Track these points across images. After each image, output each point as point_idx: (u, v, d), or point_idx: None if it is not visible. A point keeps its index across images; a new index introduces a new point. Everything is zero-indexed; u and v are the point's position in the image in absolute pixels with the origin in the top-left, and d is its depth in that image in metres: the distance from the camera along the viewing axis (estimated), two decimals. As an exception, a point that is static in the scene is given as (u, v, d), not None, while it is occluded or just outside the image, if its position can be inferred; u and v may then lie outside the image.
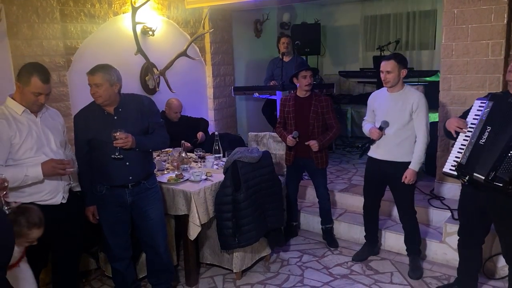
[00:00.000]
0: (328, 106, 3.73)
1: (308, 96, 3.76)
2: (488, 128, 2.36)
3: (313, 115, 3.69)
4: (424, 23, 6.86)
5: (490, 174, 2.29)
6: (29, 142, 2.52)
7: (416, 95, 3.20)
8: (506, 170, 2.25)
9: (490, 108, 2.40)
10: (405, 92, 3.23)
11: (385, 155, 3.30)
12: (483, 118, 2.41)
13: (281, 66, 5.30)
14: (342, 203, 4.46)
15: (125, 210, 2.89)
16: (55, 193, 2.64)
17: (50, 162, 2.51)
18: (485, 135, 2.37)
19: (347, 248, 3.92)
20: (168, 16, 5.14)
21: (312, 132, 3.71)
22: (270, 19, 6.72)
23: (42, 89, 2.50)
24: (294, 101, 3.79)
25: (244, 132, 6.09)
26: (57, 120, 2.79)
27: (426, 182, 4.41)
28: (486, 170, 2.31)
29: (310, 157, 3.74)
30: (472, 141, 2.41)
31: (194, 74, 5.59)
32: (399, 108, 3.20)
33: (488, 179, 2.29)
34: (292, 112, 3.77)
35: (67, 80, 4.15)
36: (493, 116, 2.37)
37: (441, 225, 3.71)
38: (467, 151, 2.42)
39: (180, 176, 3.37)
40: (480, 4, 3.67)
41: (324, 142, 3.70)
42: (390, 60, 3.15)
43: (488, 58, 3.68)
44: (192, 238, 3.19)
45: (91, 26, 4.36)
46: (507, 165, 2.25)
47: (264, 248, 3.65)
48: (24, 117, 2.55)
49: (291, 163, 3.87)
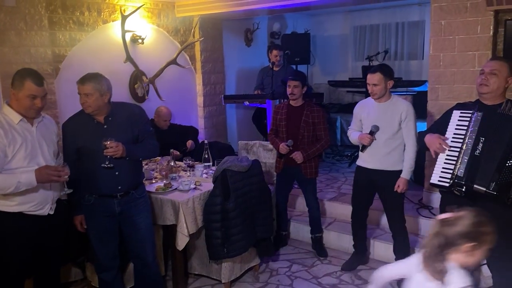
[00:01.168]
0: (320, 117, 3.73)
1: (301, 106, 3.76)
2: (482, 139, 2.39)
3: (303, 124, 3.70)
4: (412, 33, 6.94)
5: (491, 185, 2.31)
6: (23, 152, 2.49)
7: (404, 105, 3.23)
8: (505, 180, 2.28)
9: (480, 119, 2.43)
10: (393, 101, 3.26)
11: (375, 164, 3.31)
12: (473, 129, 2.43)
13: (271, 75, 5.31)
14: (332, 212, 4.46)
15: (113, 220, 2.85)
16: (44, 204, 2.61)
17: (44, 169, 2.48)
18: (479, 146, 2.39)
19: (336, 258, 3.91)
20: (158, 24, 5.14)
21: (301, 141, 3.71)
22: (261, 28, 6.76)
23: (36, 91, 2.48)
24: (286, 109, 3.80)
25: (234, 140, 6.08)
26: (52, 128, 2.76)
27: (414, 191, 4.43)
28: (486, 181, 2.33)
29: (299, 166, 3.74)
30: (467, 153, 2.42)
31: (184, 82, 5.58)
32: (388, 118, 3.22)
33: (489, 190, 2.31)
34: (284, 120, 3.78)
35: (55, 88, 4.12)
36: (485, 127, 2.40)
37: (429, 235, 3.72)
38: (463, 163, 2.43)
39: (168, 185, 3.35)
40: (467, 16, 3.73)
41: (310, 153, 3.70)
42: (376, 72, 3.17)
43: (474, 69, 3.73)
44: (180, 249, 3.16)
45: (80, 34, 4.34)
46: (506, 175, 2.28)
47: (253, 258, 3.62)
48: (20, 126, 2.52)
49: (281, 170, 3.86)
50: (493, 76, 2.45)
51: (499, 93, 2.49)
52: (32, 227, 2.57)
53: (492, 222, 1.70)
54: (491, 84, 2.46)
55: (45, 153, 2.60)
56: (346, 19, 7.48)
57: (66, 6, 4.20)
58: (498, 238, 2.50)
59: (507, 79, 2.46)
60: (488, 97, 2.50)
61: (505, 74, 2.45)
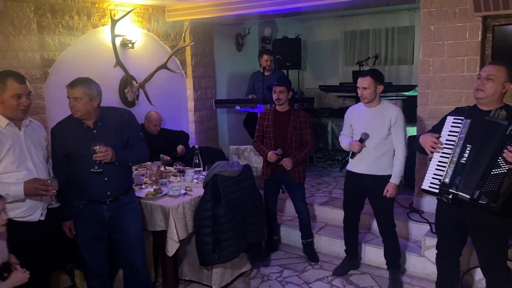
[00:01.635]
0: (306, 122, 3.74)
1: (287, 111, 3.77)
2: (468, 147, 2.37)
3: (291, 129, 3.70)
4: (402, 39, 7.00)
5: (475, 193, 2.30)
6: (11, 156, 2.46)
7: (394, 110, 3.24)
8: (490, 188, 2.27)
9: (468, 126, 2.41)
10: (383, 107, 3.27)
11: (365, 169, 3.31)
12: (461, 136, 2.43)
13: (262, 80, 5.32)
14: (323, 217, 4.45)
15: (102, 226, 2.82)
16: (34, 210, 2.58)
17: (32, 183, 2.44)
18: (466, 154, 2.38)
19: (327, 262, 3.91)
20: (148, 29, 5.12)
21: (289, 146, 3.72)
22: (252, 33, 6.77)
23: (20, 89, 2.46)
24: (273, 115, 3.80)
25: (225, 145, 6.07)
26: (40, 133, 2.73)
27: (405, 195, 4.44)
28: (471, 189, 2.32)
29: (288, 171, 3.74)
30: (454, 160, 2.42)
31: (174, 86, 5.56)
32: (378, 123, 3.23)
33: (473, 198, 2.31)
34: (271, 126, 3.77)
35: (44, 92, 4.08)
36: (472, 135, 2.38)
37: (420, 239, 3.73)
38: (450, 170, 2.43)
39: (158, 191, 3.32)
40: (456, 22, 3.76)
41: (298, 159, 3.71)
42: (366, 76, 3.19)
43: (464, 74, 3.77)
44: (170, 255, 3.13)
45: (69, 38, 4.31)
46: (491, 184, 2.27)
47: (244, 264, 3.60)
48: (8, 130, 2.49)
49: (268, 176, 3.86)
50: (489, 81, 2.41)
51: (495, 99, 2.44)
52: (23, 234, 2.53)
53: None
54: (487, 89, 2.42)
55: (34, 157, 2.57)
56: (336, 24, 7.52)
57: (55, 10, 4.17)
58: (488, 243, 2.53)
59: (504, 84, 2.41)
60: (484, 102, 2.48)
61: (502, 80, 2.39)
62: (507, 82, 2.41)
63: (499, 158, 2.25)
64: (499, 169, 2.25)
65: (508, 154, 2.20)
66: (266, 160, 3.80)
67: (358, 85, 3.23)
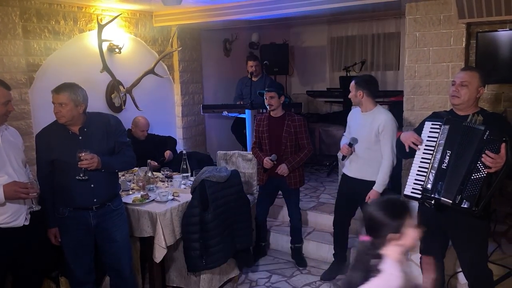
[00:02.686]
0: (301, 126, 3.75)
1: (281, 116, 3.78)
2: (448, 152, 2.42)
3: (285, 134, 3.71)
4: (388, 45, 7.07)
5: (457, 198, 2.34)
6: None
7: (382, 117, 3.22)
8: (470, 192, 2.31)
9: (447, 132, 2.45)
10: (375, 112, 3.28)
11: (355, 172, 3.35)
12: (441, 142, 2.46)
13: (249, 85, 5.33)
14: (311, 222, 4.46)
15: (88, 233, 2.78)
16: (18, 215, 2.54)
17: (12, 186, 2.41)
18: (446, 159, 2.42)
19: (315, 267, 3.91)
20: (136, 34, 5.10)
21: (284, 151, 3.72)
22: (239, 38, 6.78)
23: (8, 96, 2.49)
24: (268, 121, 3.81)
25: (213, 150, 6.04)
26: (17, 139, 2.70)
27: (392, 200, 4.47)
28: (452, 194, 2.36)
29: (284, 177, 3.74)
30: (434, 166, 2.46)
31: (162, 92, 5.54)
32: (367, 128, 3.26)
33: (456, 203, 2.34)
34: (266, 132, 3.78)
35: (29, 98, 4.03)
36: (451, 141, 2.43)
37: (407, 243, 3.75)
38: (431, 176, 2.46)
39: (145, 197, 3.29)
40: (440, 28, 3.83)
41: (294, 164, 3.71)
42: (351, 82, 3.31)
43: (448, 80, 3.82)
44: (157, 261, 3.10)
45: (55, 43, 4.26)
46: (471, 188, 2.31)
47: (232, 269, 3.59)
48: None
49: (265, 182, 3.85)
50: (464, 87, 2.47)
51: (471, 104, 2.51)
52: (9, 241, 2.50)
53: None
54: (462, 96, 2.48)
55: (13, 162, 2.55)
56: (323, 30, 7.57)
57: (41, 14, 4.13)
58: (470, 245, 2.56)
59: (478, 89, 2.47)
60: (460, 107, 2.54)
61: (476, 85, 2.46)
62: (481, 86, 2.48)
63: (478, 163, 2.30)
64: (479, 174, 2.30)
65: (486, 158, 2.25)
66: (263, 167, 3.80)
67: None
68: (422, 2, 3.86)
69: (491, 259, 3.15)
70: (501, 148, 2.22)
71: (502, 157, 2.22)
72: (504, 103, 4.07)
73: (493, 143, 2.25)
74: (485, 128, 2.30)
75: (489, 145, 2.25)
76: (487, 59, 3.83)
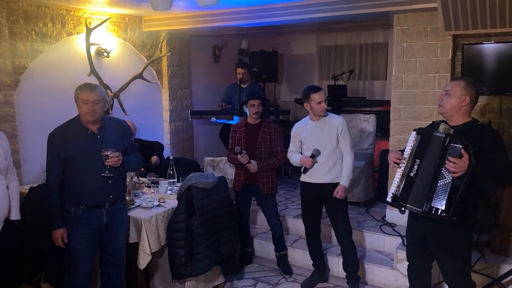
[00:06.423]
0: (276, 133, 3.79)
1: (258, 123, 3.81)
2: (417, 161, 2.48)
3: (260, 140, 3.74)
4: (376, 54, 7.14)
5: (426, 206, 2.38)
6: None
7: (338, 119, 3.40)
8: (438, 199, 2.35)
9: (418, 141, 2.52)
10: (328, 118, 3.41)
11: (319, 179, 3.41)
12: (412, 151, 2.53)
13: (238, 92, 5.33)
14: (297, 229, 4.45)
15: (97, 233, 2.82)
16: None
17: None
18: (414, 168, 2.48)
19: (301, 275, 3.90)
20: (125, 38, 5.07)
21: (257, 156, 3.74)
22: (229, 45, 6.79)
23: None
24: (245, 127, 3.83)
25: (200, 156, 6.01)
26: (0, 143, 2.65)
27: (378, 208, 4.50)
28: (420, 202, 2.41)
29: (257, 183, 3.74)
30: (404, 174, 2.52)
31: (150, 97, 5.51)
32: (326, 134, 3.36)
33: (425, 211, 2.38)
34: (243, 138, 3.80)
35: (14, 100, 3.97)
36: (420, 149, 2.49)
37: (393, 252, 3.78)
38: (401, 183, 2.52)
39: (131, 202, 3.26)
40: (427, 40, 3.88)
41: (265, 165, 3.73)
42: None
43: (435, 90, 3.87)
44: (142, 267, 3.08)
45: (43, 45, 4.22)
46: (439, 195, 2.35)
47: (217, 276, 3.56)
48: None
49: (240, 189, 3.85)
50: (447, 96, 2.50)
51: (455, 112, 2.50)
52: None
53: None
54: (444, 104, 2.52)
55: None
56: (312, 39, 7.62)
57: (29, 16, 4.09)
58: (451, 257, 2.58)
59: (462, 98, 2.45)
60: (446, 116, 2.56)
61: (459, 94, 2.45)
62: (464, 95, 2.45)
63: (443, 169, 2.35)
64: (444, 180, 2.34)
65: (449, 164, 2.30)
66: (238, 172, 3.81)
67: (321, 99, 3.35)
68: (410, 14, 3.92)
69: (474, 269, 3.18)
70: (462, 152, 2.27)
71: (464, 161, 2.27)
72: (489, 115, 4.15)
73: (454, 149, 2.31)
74: (445, 135, 2.38)
75: (451, 151, 2.32)
76: (473, 71, 3.89)
